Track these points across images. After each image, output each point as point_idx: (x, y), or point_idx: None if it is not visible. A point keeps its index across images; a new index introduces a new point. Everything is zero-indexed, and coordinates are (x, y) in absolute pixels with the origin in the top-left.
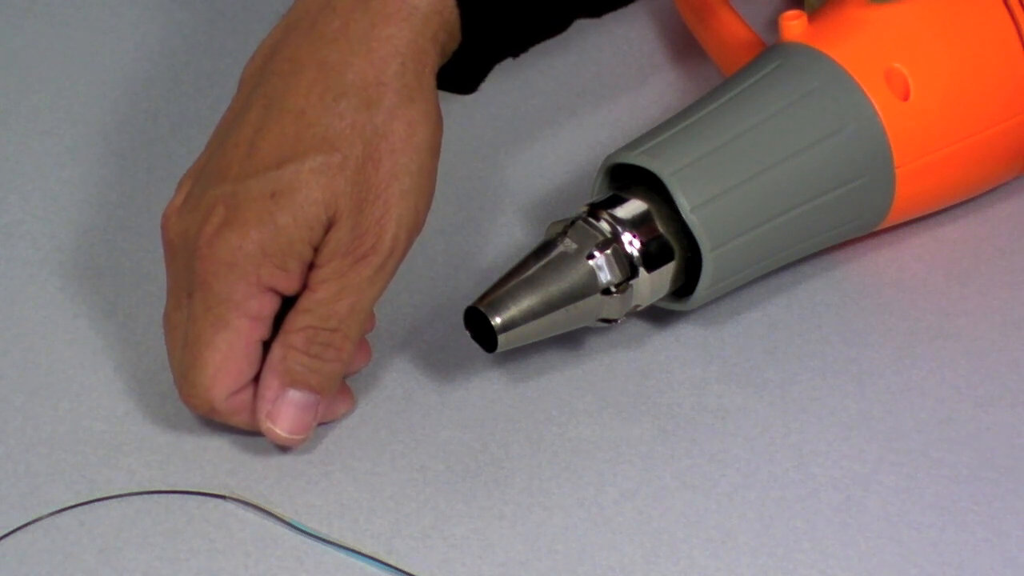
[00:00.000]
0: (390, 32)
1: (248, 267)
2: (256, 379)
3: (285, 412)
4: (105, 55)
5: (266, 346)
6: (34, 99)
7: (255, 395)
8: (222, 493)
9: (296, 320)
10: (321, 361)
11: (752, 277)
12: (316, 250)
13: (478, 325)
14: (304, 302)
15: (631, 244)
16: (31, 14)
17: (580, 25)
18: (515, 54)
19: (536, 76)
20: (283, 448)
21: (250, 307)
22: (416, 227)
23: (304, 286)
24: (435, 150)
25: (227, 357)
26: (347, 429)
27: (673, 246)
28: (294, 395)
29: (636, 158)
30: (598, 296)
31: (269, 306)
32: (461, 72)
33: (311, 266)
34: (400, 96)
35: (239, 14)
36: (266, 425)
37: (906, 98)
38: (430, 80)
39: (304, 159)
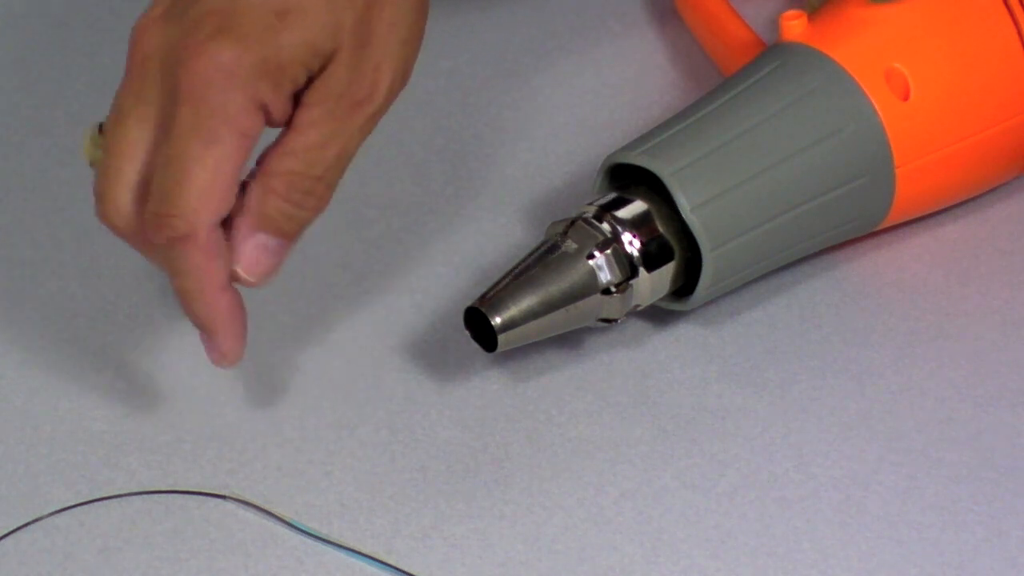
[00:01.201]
0: None
1: (247, 79)
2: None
3: (252, 255)
4: (105, 55)
5: None
6: (34, 99)
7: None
8: (222, 493)
9: (279, 163)
10: (300, 209)
11: (752, 277)
12: (307, 85)
13: (478, 325)
14: (290, 144)
15: (631, 244)
16: (31, 14)
17: (580, 25)
18: None
19: (536, 76)
20: (249, 285)
21: (243, 123)
22: (405, 82)
23: (288, 124)
24: (427, 8)
25: (216, 175)
26: (347, 429)
27: (673, 246)
28: (263, 238)
29: (636, 158)
30: (598, 296)
31: (258, 127)
32: None
33: (298, 104)
34: None
35: None
36: (232, 267)
37: (906, 98)
38: None
39: None
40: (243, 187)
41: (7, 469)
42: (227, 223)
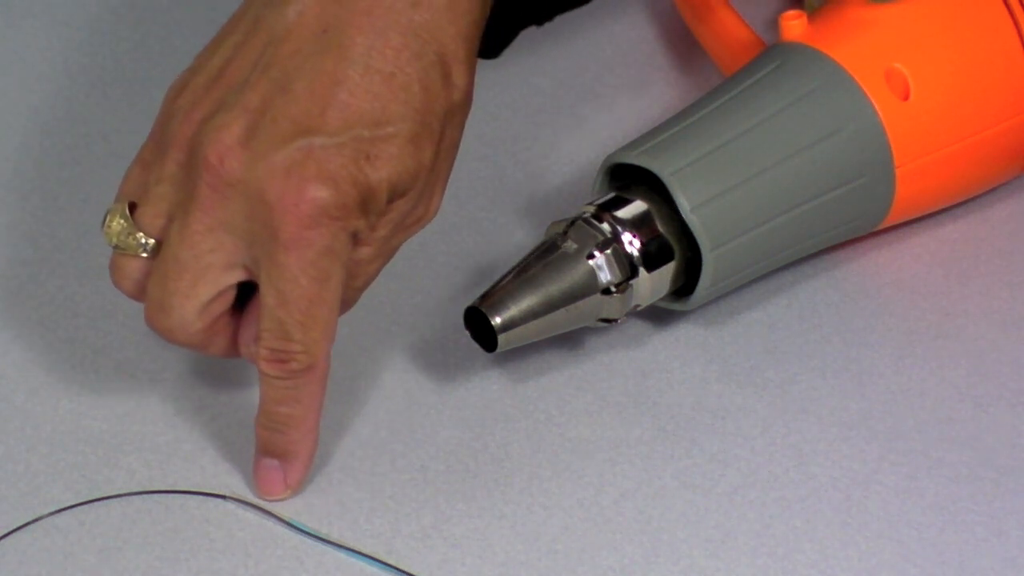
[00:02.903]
0: None
1: (347, 219)
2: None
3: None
4: (105, 55)
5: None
6: (34, 99)
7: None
8: (222, 493)
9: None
10: (346, 307)
11: (752, 277)
12: None
13: (478, 325)
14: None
15: (631, 244)
16: (31, 14)
17: (580, 24)
18: (540, 22)
19: (536, 76)
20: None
21: (345, 256)
22: (440, 203)
23: None
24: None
25: (332, 309)
26: (347, 429)
27: (673, 246)
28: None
29: (636, 158)
30: (598, 296)
31: (351, 255)
32: (488, 37)
33: None
34: (466, 71)
35: None
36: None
37: (906, 98)
38: (476, 54)
39: (400, 124)
40: None
41: (7, 469)
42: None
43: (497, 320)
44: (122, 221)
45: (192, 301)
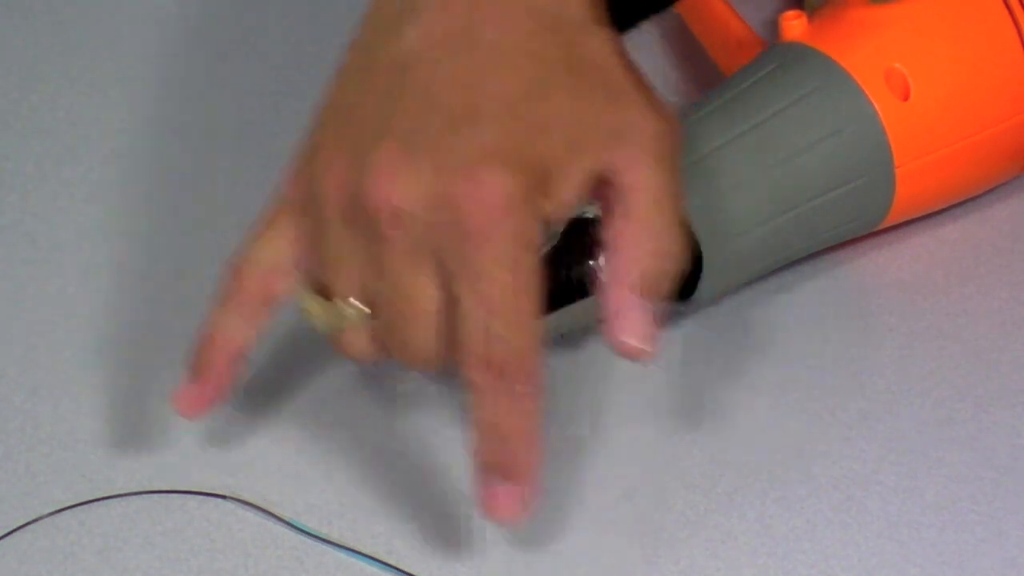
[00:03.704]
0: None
1: (531, 201)
2: None
3: (640, 321)
4: (105, 55)
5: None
6: (34, 99)
7: None
8: (222, 493)
9: (634, 231)
10: (668, 259)
11: (752, 277)
12: (600, 172)
13: None
14: (633, 208)
15: None
16: (31, 14)
17: None
18: (623, 29)
19: None
20: (633, 356)
21: (538, 244)
22: (670, 113)
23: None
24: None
25: (536, 304)
26: (347, 429)
27: None
28: (644, 303)
29: None
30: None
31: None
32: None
33: (607, 182)
34: (598, 14)
35: (240, 15)
36: (624, 338)
37: (906, 98)
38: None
39: (553, 88)
40: None
41: (7, 469)
42: None
43: None
44: (319, 305)
45: (422, 325)
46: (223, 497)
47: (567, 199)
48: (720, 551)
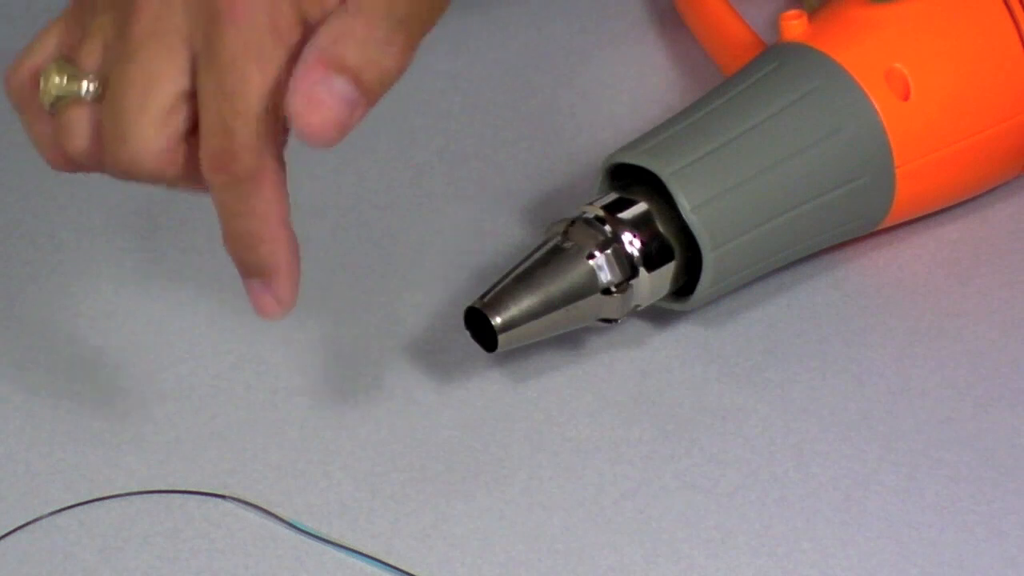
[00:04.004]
0: None
1: None
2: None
3: (326, 99)
4: None
5: None
6: None
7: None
8: (222, 493)
9: (355, 3)
10: (381, 51)
11: (752, 277)
12: None
13: (478, 325)
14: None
15: (631, 244)
16: (31, 14)
17: (580, 24)
18: None
19: (536, 76)
20: (315, 142)
21: (292, 39)
22: None
23: None
24: None
25: (276, 101)
26: (347, 429)
27: (673, 246)
28: (341, 83)
29: (636, 158)
30: (598, 296)
31: (302, 45)
32: None
33: None
34: None
35: None
36: (299, 108)
37: (906, 98)
38: None
39: None
40: None
41: (7, 469)
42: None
43: (497, 320)
44: (59, 69)
45: (147, 115)
46: (223, 497)
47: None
48: (720, 551)
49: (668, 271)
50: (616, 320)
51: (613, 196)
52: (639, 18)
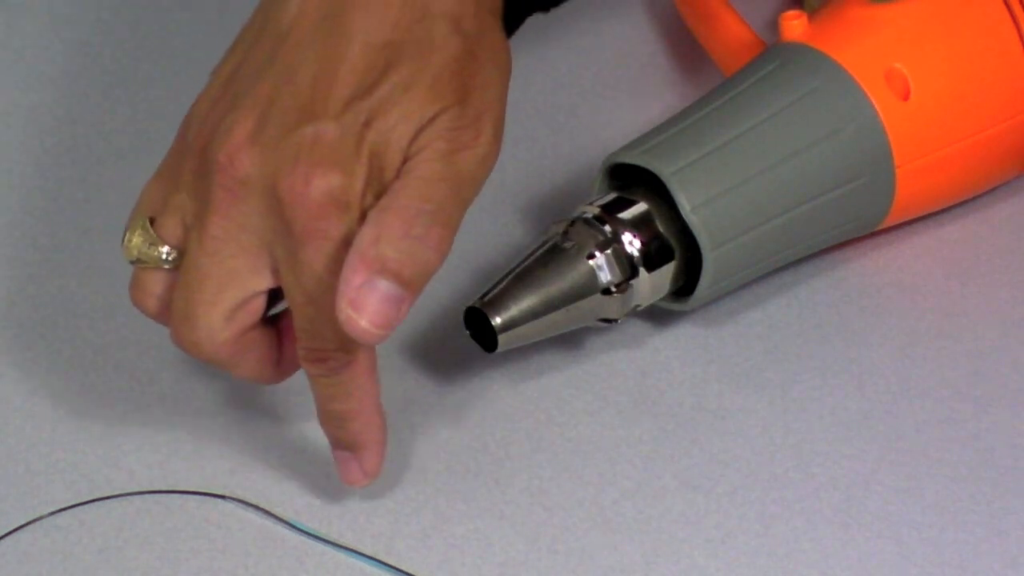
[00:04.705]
0: None
1: (358, 203)
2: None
3: (371, 301)
4: (105, 55)
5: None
6: (34, 99)
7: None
8: (222, 493)
9: (391, 200)
10: (419, 245)
11: (752, 277)
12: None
13: (478, 325)
14: (401, 181)
15: (631, 244)
16: (31, 14)
17: (580, 25)
18: (546, 8)
19: (536, 76)
20: (366, 342)
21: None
22: (502, 134)
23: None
24: (511, 68)
25: None
26: None
27: (673, 246)
28: (385, 286)
29: (636, 158)
30: (598, 296)
31: None
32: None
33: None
34: (483, 25)
35: (241, 14)
36: (347, 313)
37: (906, 98)
38: (498, 20)
39: (395, 77)
40: None
41: (7, 469)
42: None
43: (497, 320)
44: (142, 234)
45: (217, 308)
46: (223, 497)
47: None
48: (720, 551)
49: (668, 271)
50: (616, 320)
51: (613, 196)
52: (639, 18)
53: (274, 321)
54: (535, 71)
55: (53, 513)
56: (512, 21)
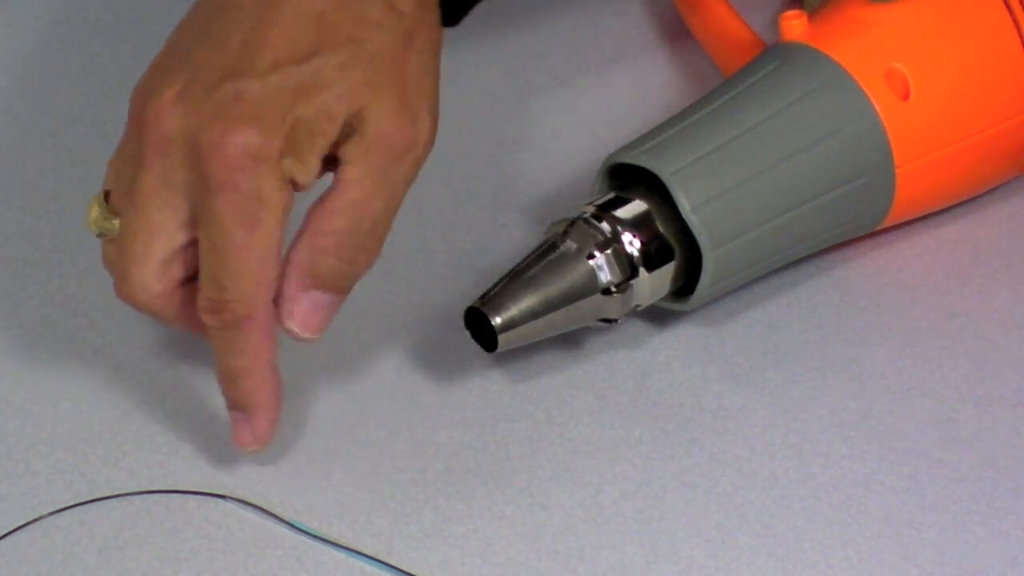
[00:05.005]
0: None
1: (274, 160)
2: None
3: (307, 312)
4: (105, 55)
5: None
6: (34, 99)
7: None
8: (222, 493)
9: (327, 222)
10: (353, 265)
11: (752, 277)
12: (344, 142)
13: (478, 325)
14: (335, 202)
15: (631, 244)
16: (31, 14)
17: (580, 24)
18: None
19: (536, 76)
20: (301, 341)
21: (277, 200)
22: (435, 132)
23: (333, 182)
24: (441, 47)
25: (264, 256)
26: (347, 429)
27: (673, 246)
28: (317, 295)
29: (636, 158)
30: (598, 296)
31: (291, 201)
32: (446, 7)
33: (337, 161)
34: (419, 5)
35: None
36: (286, 324)
37: (906, 98)
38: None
39: (330, 54)
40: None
41: (7, 469)
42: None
43: (497, 320)
44: (98, 208)
45: (148, 263)
46: (223, 497)
47: (312, 164)
48: (720, 551)
49: (668, 271)
50: (616, 320)
51: (613, 196)
52: (639, 18)
53: None
54: (535, 71)
55: (53, 513)
56: (459, 7)
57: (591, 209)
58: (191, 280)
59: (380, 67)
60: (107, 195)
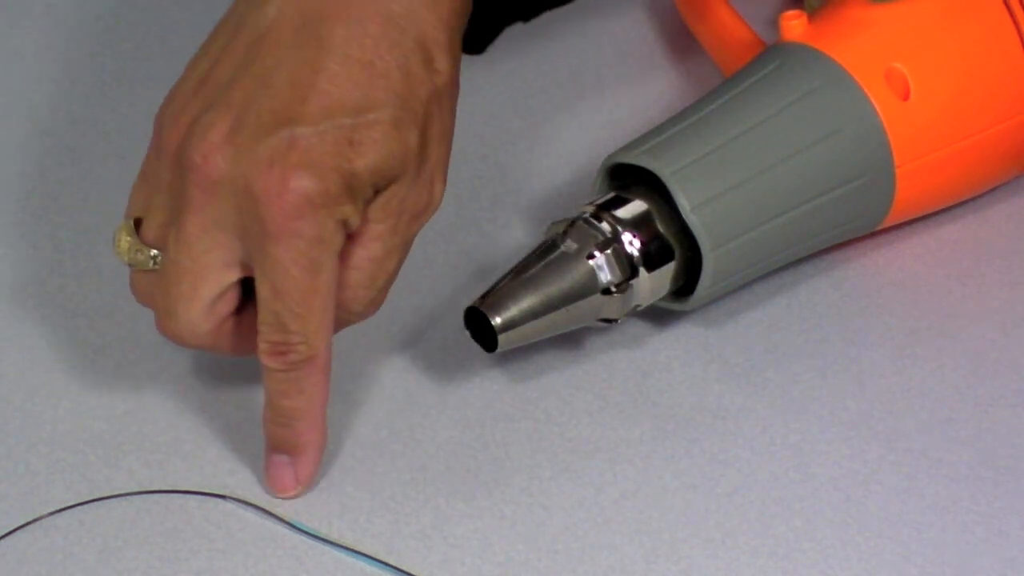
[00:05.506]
0: None
1: (332, 206)
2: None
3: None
4: (105, 55)
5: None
6: (34, 99)
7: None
8: (222, 493)
9: (346, 275)
10: (359, 317)
11: (752, 277)
12: (368, 200)
13: (478, 325)
14: (355, 257)
15: (631, 244)
16: (31, 14)
17: (580, 24)
18: (526, 18)
19: (536, 76)
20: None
21: (336, 243)
22: (444, 188)
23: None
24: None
25: (327, 298)
26: (347, 429)
27: (673, 246)
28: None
29: (636, 158)
30: (598, 296)
31: (343, 242)
32: (473, 33)
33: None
34: (448, 57)
35: None
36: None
37: (906, 98)
38: (460, 41)
39: (382, 110)
40: None
41: (7, 469)
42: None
43: (497, 320)
44: (128, 238)
45: (196, 304)
46: (223, 497)
47: (360, 212)
48: (720, 551)
49: (668, 271)
50: (616, 320)
51: (613, 196)
52: (639, 18)
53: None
54: (535, 71)
55: (53, 513)
56: (489, 30)
57: (591, 209)
58: (236, 313)
59: (418, 131)
60: (136, 223)
